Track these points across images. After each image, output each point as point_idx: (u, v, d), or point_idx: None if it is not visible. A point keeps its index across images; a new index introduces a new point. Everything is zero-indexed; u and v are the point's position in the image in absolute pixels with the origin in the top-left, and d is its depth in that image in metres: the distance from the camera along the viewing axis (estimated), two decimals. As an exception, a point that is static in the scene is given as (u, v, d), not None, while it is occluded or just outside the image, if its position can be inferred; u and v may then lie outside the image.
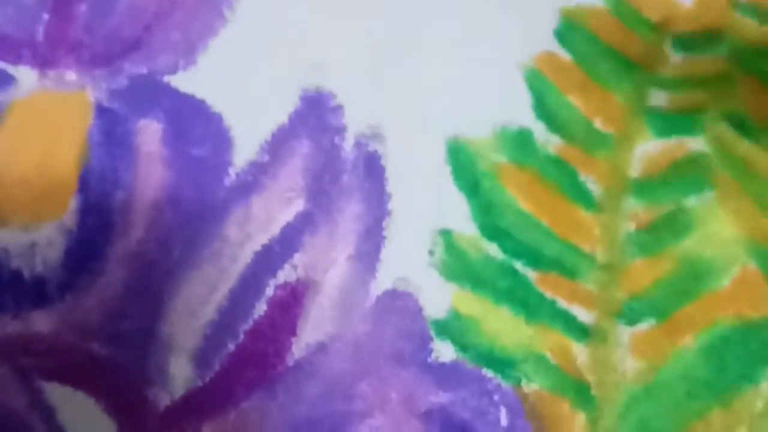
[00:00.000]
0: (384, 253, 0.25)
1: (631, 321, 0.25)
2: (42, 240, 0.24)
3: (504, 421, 0.24)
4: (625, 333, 0.25)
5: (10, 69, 0.25)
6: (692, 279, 0.25)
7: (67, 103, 0.25)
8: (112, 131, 0.25)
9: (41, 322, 0.24)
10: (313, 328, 0.25)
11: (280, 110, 0.26)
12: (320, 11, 0.27)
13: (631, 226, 0.25)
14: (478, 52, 0.27)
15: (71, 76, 0.25)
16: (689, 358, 0.24)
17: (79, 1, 0.26)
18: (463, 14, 0.27)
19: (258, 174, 0.25)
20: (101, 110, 0.25)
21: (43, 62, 0.25)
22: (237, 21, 0.26)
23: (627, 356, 0.24)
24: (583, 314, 0.25)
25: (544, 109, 0.26)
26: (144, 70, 0.26)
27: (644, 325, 0.25)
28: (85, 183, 0.25)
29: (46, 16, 0.25)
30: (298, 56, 0.26)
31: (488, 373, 0.25)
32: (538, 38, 0.27)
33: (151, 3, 0.26)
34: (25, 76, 0.25)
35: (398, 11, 0.27)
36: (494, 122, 0.26)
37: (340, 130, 0.26)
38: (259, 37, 0.26)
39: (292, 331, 0.25)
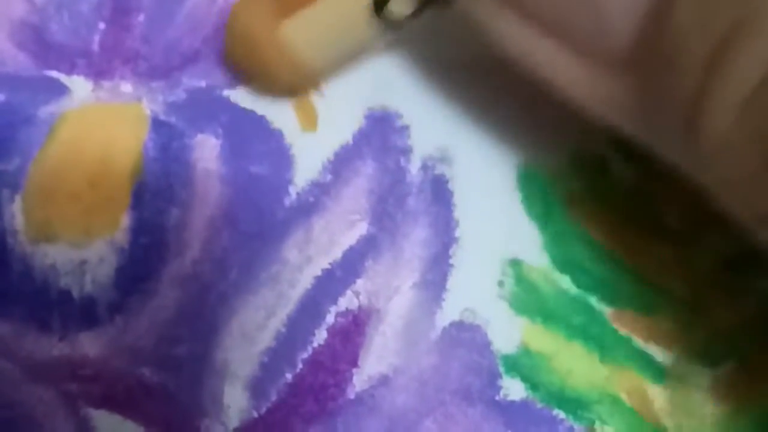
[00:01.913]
0: (450, 283, 0.24)
1: (713, 362, 0.23)
2: (92, 257, 0.23)
3: (576, 464, 0.23)
4: (705, 375, 0.23)
5: (64, 79, 0.24)
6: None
7: (122, 115, 0.24)
8: (168, 145, 0.24)
9: (89, 344, 0.23)
10: (376, 360, 0.23)
11: (344, 129, 0.25)
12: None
13: (714, 262, 0.24)
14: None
15: (127, 87, 0.24)
16: (777, 404, 0.23)
17: (136, 11, 0.24)
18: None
19: (320, 194, 0.24)
20: (157, 123, 0.24)
21: (98, 73, 0.24)
22: (300, 35, 0.25)
23: (707, 400, 0.23)
24: (661, 354, 0.23)
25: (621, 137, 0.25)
26: (203, 84, 0.24)
27: (726, 368, 0.23)
28: (138, 199, 0.23)
29: (102, 26, 0.24)
30: (363, 73, 0.25)
31: (559, 413, 0.23)
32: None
33: (211, 15, 0.25)
34: (79, 86, 0.24)
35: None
36: (569, 149, 0.25)
37: (406, 152, 0.25)
38: (323, 52, 0.25)
39: (354, 362, 0.23)
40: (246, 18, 0.23)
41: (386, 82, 0.25)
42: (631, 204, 0.24)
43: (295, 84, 0.24)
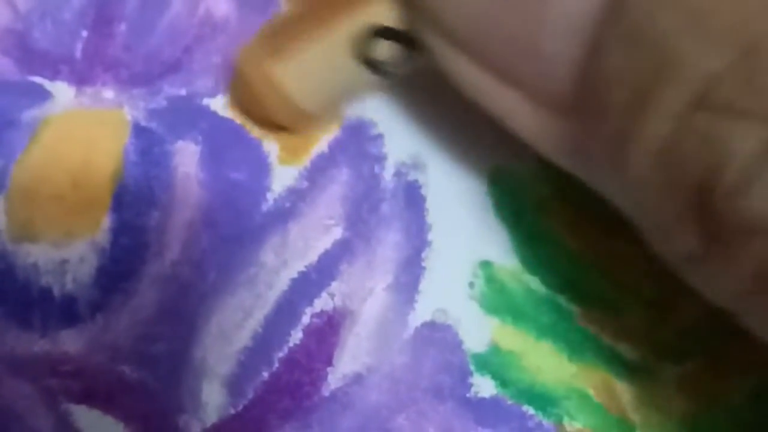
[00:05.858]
0: (423, 284, 0.25)
1: (679, 359, 0.24)
2: (73, 257, 0.24)
3: (546, 459, 0.23)
4: (672, 371, 0.24)
5: (47, 84, 0.25)
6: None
7: (104, 120, 0.25)
8: (148, 151, 0.24)
9: (70, 341, 0.23)
10: (350, 359, 0.24)
11: (320, 138, 0.25)
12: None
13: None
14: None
15: (109, 94, 0.25)
16: (740, 399, 0.24)
17: (119, 20, 0.25)
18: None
19: (296, 200, 0.25)
20: (138, 129, 0.25)
21: (81, 79, 0.25)
22: (278, 46, 0.26)
23: (674, 395, 0.24)
24: (629, 351, 0.24)
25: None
26: (183, 92, 0.25)
27: (693, 363, 0.24)
28: (119, 201, 0.24)
29: (85, 34, 0.25)
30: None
31: (529, 409, 0.24)
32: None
33: (192, 26, 0.26)
34: (62, 92, 0.25)
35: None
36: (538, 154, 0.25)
37: (380, 159, 0.25)
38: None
39: (328, 361, 0.24)
40: (242, 61, 0.24)
41: (361, 92, 0.26)
42: (598, 206, 0.25)
43: (293, 125, 0.24)
